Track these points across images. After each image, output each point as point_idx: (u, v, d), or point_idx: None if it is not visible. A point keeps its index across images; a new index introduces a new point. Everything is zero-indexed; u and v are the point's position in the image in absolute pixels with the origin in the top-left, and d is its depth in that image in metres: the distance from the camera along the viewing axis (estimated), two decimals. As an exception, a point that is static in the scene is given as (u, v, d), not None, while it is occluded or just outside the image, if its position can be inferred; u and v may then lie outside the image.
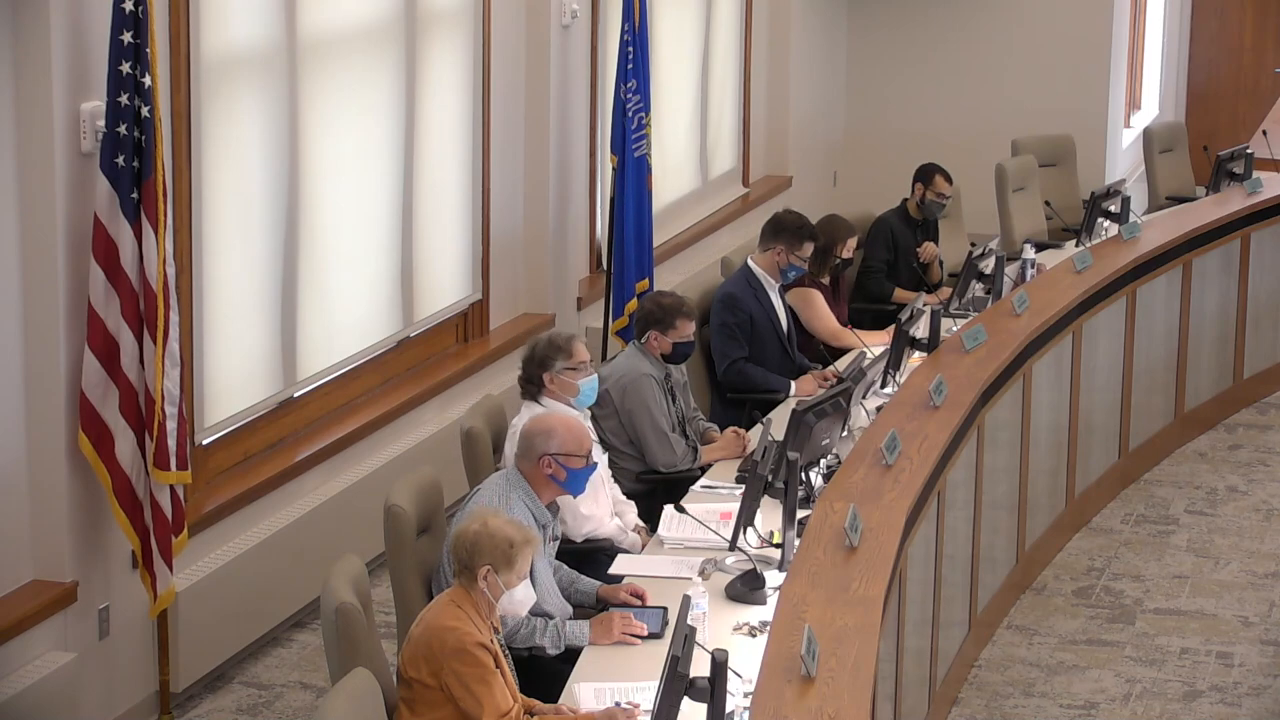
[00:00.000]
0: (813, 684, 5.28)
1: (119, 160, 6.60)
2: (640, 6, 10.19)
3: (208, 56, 7.49)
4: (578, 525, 6.92)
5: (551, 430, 6.37)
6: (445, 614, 5.46)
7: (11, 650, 6.60)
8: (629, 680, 5.55)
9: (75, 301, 6.71)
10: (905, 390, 7.97)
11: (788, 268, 8.71)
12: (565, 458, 6.32)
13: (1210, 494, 10.21)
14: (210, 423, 7.71)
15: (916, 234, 10.44)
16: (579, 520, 6.92)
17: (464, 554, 5.50)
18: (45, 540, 6.80)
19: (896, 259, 10.27)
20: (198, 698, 7.52)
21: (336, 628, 5.47)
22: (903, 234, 10.35)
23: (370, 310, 8.89)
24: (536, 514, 6.28)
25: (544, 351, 7.17)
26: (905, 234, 10.37)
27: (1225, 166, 11.84)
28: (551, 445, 6.33)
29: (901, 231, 10.35)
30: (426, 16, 9.21)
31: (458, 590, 5.51)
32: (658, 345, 7.77)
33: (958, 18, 14.62)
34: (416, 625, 5.52)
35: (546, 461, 6.31)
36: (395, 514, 6.16)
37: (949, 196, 10.52)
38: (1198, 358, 10.87)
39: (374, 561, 7.70)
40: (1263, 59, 17.66)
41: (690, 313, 7.85)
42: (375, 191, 8.88)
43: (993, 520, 8.36)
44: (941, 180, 10.46)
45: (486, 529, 5.51)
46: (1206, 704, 7.83)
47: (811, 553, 6.24)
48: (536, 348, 7.20)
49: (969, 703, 7.83)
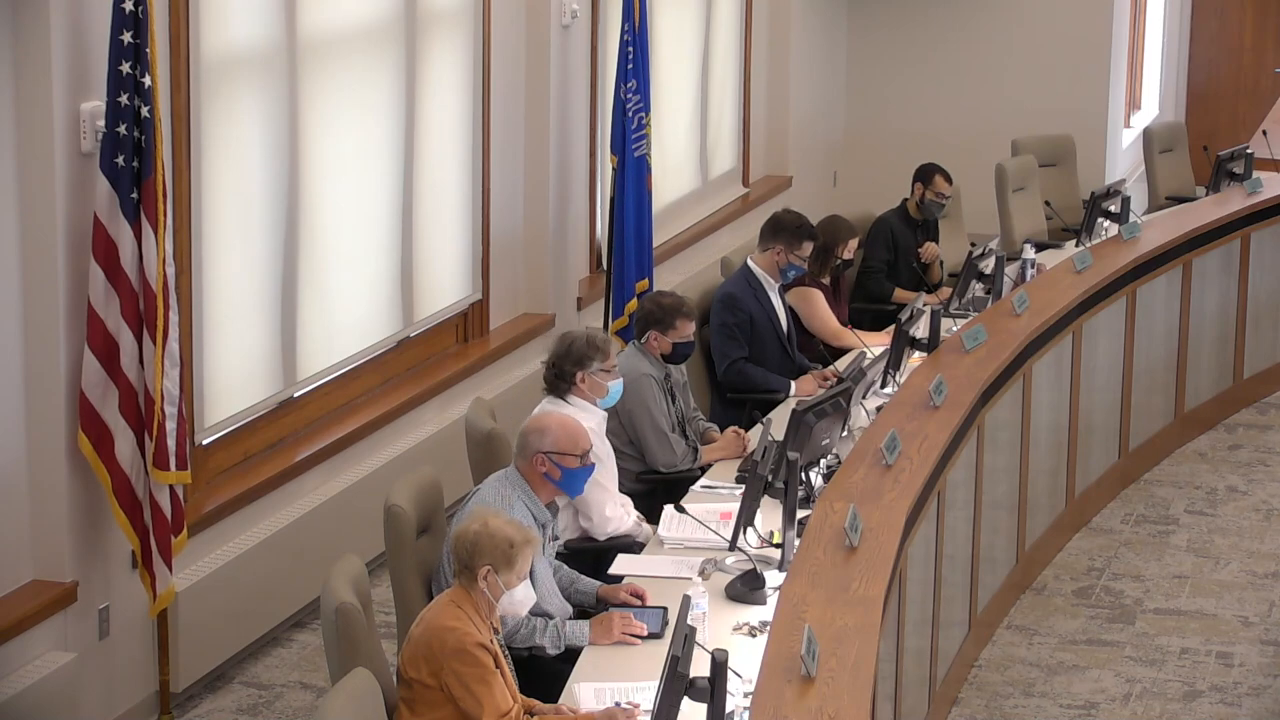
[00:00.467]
0: (813, 684, 5.28)
1: (119, 160, 6.60)
2: (640, 6, 10.19)
3: (208, 56, 7.49)
4: (603, 525, 6.93)
5: (546, 429, 6.37)
6: (445, 614, 5.46)
7: (11, 650, 6.60)
8: (629, 680, 5.55)
9: (75, 301, 6.71)
10: (905, 390, 7.97)
11: (787, 267, 8.71)
12: (559, 456, 6.32)
13: (1210, 494, 10.21)
14: (210, 423, 7.71)
15: (917, 234, 10.44)
16: (604, 521, 6.93)
17: (464, 554, 5.50)
18: (45, 540, 6.79)
19: (897, 259, 10.27)
20: (198, 698, 7.52)
21: (336, 628, 5.47)
22: (903, 234, 10.35)
23: (370, 310, 8.89)
24: (536, 513, 6.27)
25: (583, 350, 7.11)
26: (905, 234, 10.37)
27: (1225, 166, 11.84)
28: (545, 443, 6.33)
29: (901, 231, 10.36)
30: (426, 16, 9.21)
31: (458, 590, 5.51)
32: (657, 345, 7.77)
33: (958, 18, 14.62)
34: (416, 625, 5.52)
35: (540, 460, 6.31)
36: (395, 514, 6.16)
37: (949, 196, 10.52)
38: (1198, 358, 10.87)
39: (374, 561, 7.69)
40: (1263, 59, 17.67)
41: (690, 313, 7.85)
42: (375, 191, 8.88)
43: (993, 520, 8.36)
44: (941, 180, 10.46)
45: (487, 529, 5.51)
46: (1206, 704, 7.83)
47: (811, 553, 6.24)
48: (574, 345, 7.13)
49: (969, 703, 7.83)
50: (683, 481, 7.42)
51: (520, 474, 6.35)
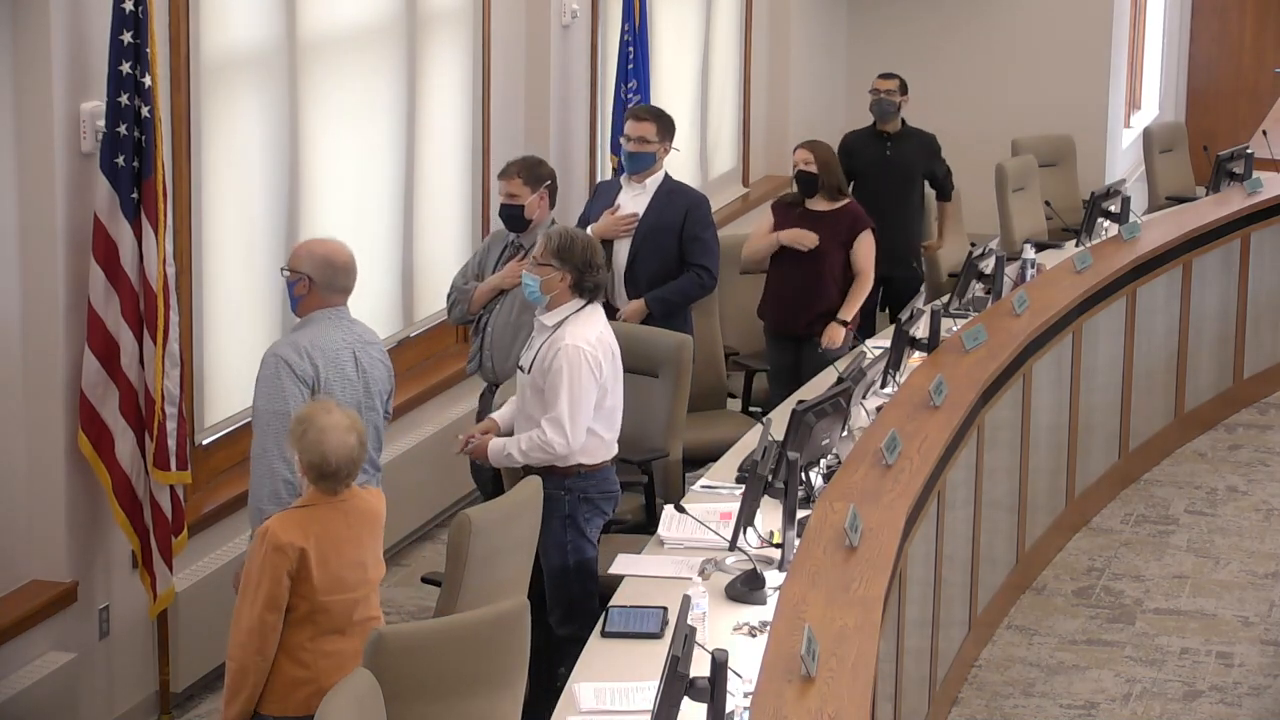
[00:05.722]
0: (813, 684, 5.28)
1: (119, 160, 6.61)
2: (640, 6, 10.19)
3: (208, 56, 7.49)
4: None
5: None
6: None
7: (11, 650, 6.61)
8: (629, 680, 5.55)
9: (75, 301, 6.71)
10: (905, 390, 7.96)
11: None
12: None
13: (1210, 494, 10.21)
14: (210, 423, 7.71)
15: (887, 147, 10.44)
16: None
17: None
18: (45, 540, 6.80)
19: (854, 167, 10.15)
20: (198, 698, 7.52)
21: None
22: (864, 144, 10.32)
23: (370, 310, 8.87)
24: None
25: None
26: (867, 144, 10.38)
27: (1225, 166, 11.84)
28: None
29: (863, 141, 10.34)
30: (426, 16, 9.21)
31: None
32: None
33: (958, 18, 14.61)
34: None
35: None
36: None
37: (882, 91, 10.53)
38: (1198, 358, 10.87)
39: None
40: (1263, 59, 17.66)
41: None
42: (375, 191, 8.88)
43: (993, 520, 8.36)
44: (877, 79, 10.57)
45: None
46: (1206, 704, 7.84)
47: (811, 553, 6.24)
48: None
49: (969, 703, 7.84)
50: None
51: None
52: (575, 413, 6.78)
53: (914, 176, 10.53)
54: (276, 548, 5.53)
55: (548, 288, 6.91)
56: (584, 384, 6.79)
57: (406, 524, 8.90)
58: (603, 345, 6.88)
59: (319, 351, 6.34)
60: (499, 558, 6.29)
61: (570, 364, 6.77)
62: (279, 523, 5.60)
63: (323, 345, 6.36)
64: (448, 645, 5.50)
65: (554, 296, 6.91)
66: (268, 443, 6.24)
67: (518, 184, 7.88)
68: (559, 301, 6.92)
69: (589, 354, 6.80)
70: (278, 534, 5.55)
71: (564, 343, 6.80)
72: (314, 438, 5.57)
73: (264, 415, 6.28)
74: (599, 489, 6.97)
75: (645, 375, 7.92)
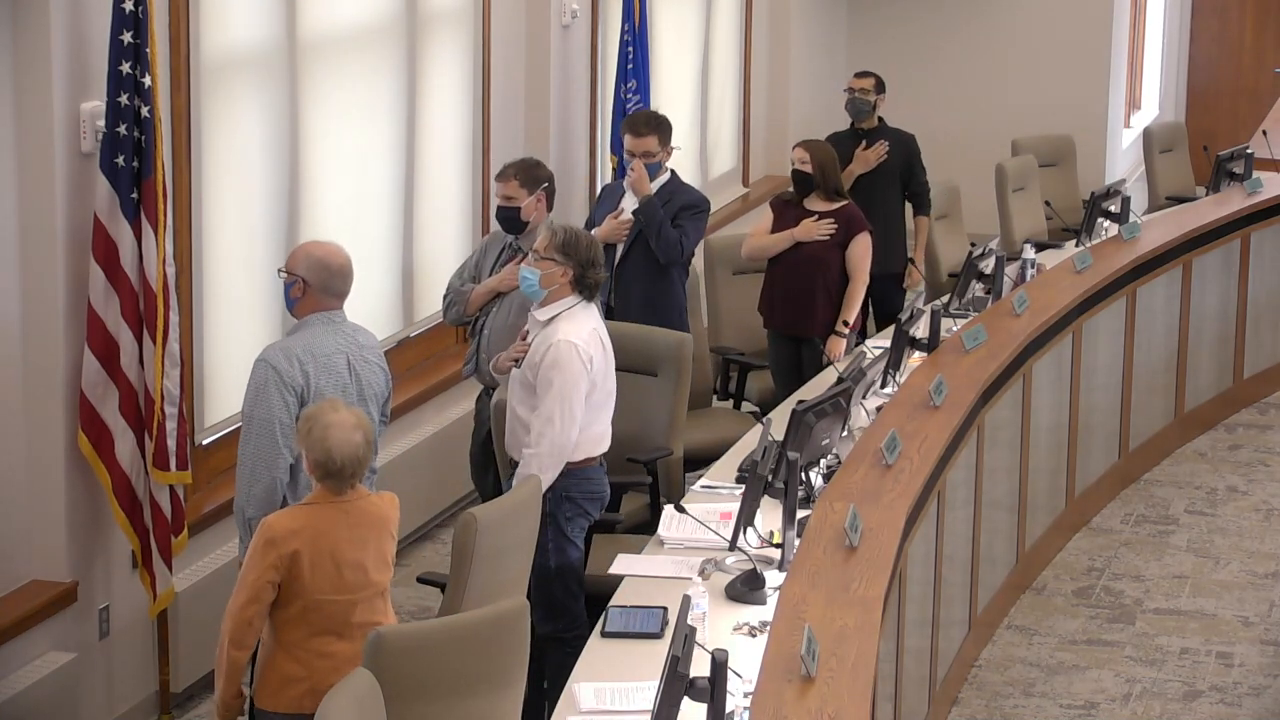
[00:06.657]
0: (813, 684, 5.28)
1: (119, 160, 6.61)
2: (640, 6, 10.19)
3: (208, 56, 7.49)
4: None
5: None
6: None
7: (11, 650, 6.61)
8: (629, 680, 5.55)
9: (75, 301, 6.71)
10: (905, 390, 7.96)
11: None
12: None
13: (1210, 494, 10.21)
14: (210, 423, 7.71)
15: (863, 146, 10.45)
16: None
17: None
18: (45, 540, 6.80)
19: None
20: (198, 698, 7.52)
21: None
22: (841, 145, 10.27)
23: (370, 310, 8.87)
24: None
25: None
26: (845, 144, 10.36)
27: (1225, 166, 11.84)
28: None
29: (841, 143, 10.30)
30: (426, 16, 9.21)
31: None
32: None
33: (957, 18, 14.62)
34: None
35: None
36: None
37: (856, 90, 10.54)
38: (1198, 358, 10.87)
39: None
40: (1263, 59, 17.67)
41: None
42: (375, 192, 8.87)
43: (993, 520, 8.36)
44: (853, 78, 10.62)
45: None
46: (1206, 704, 7.84)
47: (811, 553, 6.24)
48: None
49: (969, 703, 7.83)
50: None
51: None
52: (565, 408, 6.78)
53: (891, 175, 10.51)
54: (269, 541, 5.57)
55: (548, 282, 6.90)
56: (574, 379, 6.78)
57: (406, 524, 8.86)
58: (594, 339, 6.87)
59: (311, 357, 6.33)
60: (502, 557, 6.29)
61: (562, 359, 6.76)
62: (278, 518, 5.64)
63: (315, 351, 6.35)
64: (448, 645, 5.51)
65: (552, 292, 6.90)
66: (250, 448, 6.25)
67: (514, 186, 7.88)
68: (556, 297, 6.91)
69: (581, 349, 6.79)
70: (273, 528, 5.59)
71: (556, 338, 6.79)
72: (319, 435, 5.58)
73: (249, 421, 6.29)
74: (582, 489, 6.94)
75: (645, 374, 7.92)
